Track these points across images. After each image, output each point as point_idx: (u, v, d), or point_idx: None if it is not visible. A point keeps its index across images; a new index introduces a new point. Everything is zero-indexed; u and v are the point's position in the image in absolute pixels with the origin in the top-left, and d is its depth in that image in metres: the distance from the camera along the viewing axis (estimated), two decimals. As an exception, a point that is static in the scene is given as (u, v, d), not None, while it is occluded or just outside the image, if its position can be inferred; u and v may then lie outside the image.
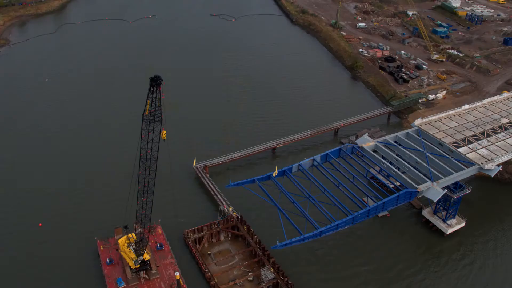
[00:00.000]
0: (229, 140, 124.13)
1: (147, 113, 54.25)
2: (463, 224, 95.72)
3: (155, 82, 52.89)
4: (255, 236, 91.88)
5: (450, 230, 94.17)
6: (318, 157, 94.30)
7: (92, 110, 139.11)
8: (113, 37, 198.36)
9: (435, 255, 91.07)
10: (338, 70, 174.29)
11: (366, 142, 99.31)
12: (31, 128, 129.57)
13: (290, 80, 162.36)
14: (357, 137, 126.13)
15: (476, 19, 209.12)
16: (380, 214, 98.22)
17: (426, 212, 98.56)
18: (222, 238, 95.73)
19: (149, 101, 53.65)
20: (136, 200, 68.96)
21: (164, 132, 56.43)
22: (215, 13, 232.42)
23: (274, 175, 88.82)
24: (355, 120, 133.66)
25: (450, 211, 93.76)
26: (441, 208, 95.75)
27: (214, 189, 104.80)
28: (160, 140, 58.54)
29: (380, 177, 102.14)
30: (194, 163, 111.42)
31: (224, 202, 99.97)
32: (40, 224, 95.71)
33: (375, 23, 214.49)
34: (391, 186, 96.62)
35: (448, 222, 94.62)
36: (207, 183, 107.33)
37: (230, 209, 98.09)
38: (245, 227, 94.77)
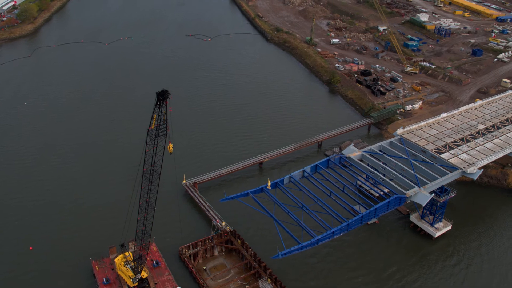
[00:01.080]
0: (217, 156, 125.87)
1: (153, 127, 55.43)
2: (449, 227, 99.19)
3: (162, 96, 54.27)
4: (250, 249, 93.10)
5: (438, 233, 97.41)
6: (308, 168, 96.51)
7: (78, 130, 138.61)
8: (90, 59, 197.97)
9: (425, 258, 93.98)
10: (316, 85, 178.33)
11: (353, 152, 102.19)
12: (18, 147, 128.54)
13: (271, 96, 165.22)
14: (340, 149, 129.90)
15: (444, 32, 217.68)
16: (370, 222, 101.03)
17: (414, 217, 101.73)
18: (216, 253, 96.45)
19: (155, 115, 54.90)
20: (132, 217, 69.39)
21: (171, 145, 57.70)
22: (191, 33, 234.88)
23: (268, 187, 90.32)
24: (337, 133, 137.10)
25: (437, 215, 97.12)
26: (427, 212, 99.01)
27: (206, 205, 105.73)
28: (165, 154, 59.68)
29: (368, 185, 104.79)
30: (184, 180, 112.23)
31: (216, 217, 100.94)
32: (31, 248, 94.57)
33: (348, 39, 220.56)
34: (380, 193, 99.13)
35: (436, 225, 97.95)
36: (198, 199, 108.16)
37: (223, 223, 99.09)
38: (239, 240, 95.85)
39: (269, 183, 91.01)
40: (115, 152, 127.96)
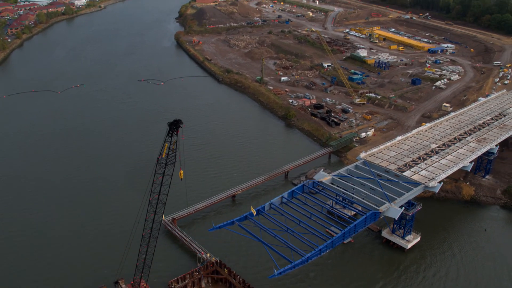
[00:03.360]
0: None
1: (163, 155, 59.35)
2: (419, 239, 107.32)
3: (175, 125, 58.55)
4: (238, 276, 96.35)
5: (409, 245, 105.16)
6: (285, 194, 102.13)
7: (58, 171, 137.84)
8: (44, 107, 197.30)
9: (401, 269, 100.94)
10: (273, 120, 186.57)
11: (324, 177, 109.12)
12: None
13: (232, 135, 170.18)
14: (306, 177, 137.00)
15: (384, 65, 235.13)
16: (346, 241, 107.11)
17: (385, 233, 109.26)
18: (203, 284, 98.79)
19: (166, 144, 58.98)
20: (129, 252, 71.53)
21: (181, 171, 61.61)
22: (143, 78, 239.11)
23: (253, 214, 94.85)
24: (301, 162, 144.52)
25: (406, 228, 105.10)
26: (397, 227, 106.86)
27: (188, 239, 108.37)
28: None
29: (339, 207, 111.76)
30: (163, 218, 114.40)
31: (200, 250, 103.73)
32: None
33: (296, 76, 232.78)
34: (352, 214, 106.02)
35: (406, 238, 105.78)
36: (179, 234, 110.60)
37: (208, 255, 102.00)
38: (225, 270, 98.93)
39: (253, 210, 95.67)
40: (90, 194, 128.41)
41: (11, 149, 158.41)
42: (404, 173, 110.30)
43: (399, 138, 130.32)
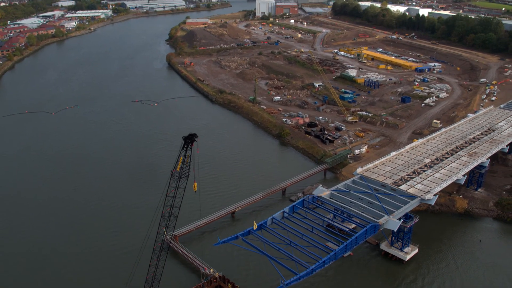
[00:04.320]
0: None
1: (178, 169, 61.71)
2: (416, 250, 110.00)
3: (190, 139, 61.07)
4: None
5: (408, 257, 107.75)
6: (287, 209, 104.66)
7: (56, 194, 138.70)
8: (39, 128, 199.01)
9: (401, 280, 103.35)
10: (268, 139, 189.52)
11: (323, 192, 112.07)
12: None
13: (228, 153, 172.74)
14: (304, 193, 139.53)
15: (373, 84, 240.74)
16: (345, 255, 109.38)
17: (384, 246, 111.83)
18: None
19: (181, 157, 61.42)
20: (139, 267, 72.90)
21: (195, 184, 63.89)
22: (137, 99, 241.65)
23: (254, 228, 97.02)
24: (298, 179, 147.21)
25: (404, 240, 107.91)
26: (395, 239, 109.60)
27: (190, 255, 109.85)
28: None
29: (340, 220, 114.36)
30: (165, 234, 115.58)
31: (203, 265, 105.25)
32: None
33: (288, 96, 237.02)
34: (352, 227, 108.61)
35: (405, 250, 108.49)
36: (181, 251, 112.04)
37: (211, 270, 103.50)
38: (229, 285, 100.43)
39: (255, 225, 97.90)
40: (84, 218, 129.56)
41: (9, 171, 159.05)
42: (400, 187, 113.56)
43: (394, 153, 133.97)
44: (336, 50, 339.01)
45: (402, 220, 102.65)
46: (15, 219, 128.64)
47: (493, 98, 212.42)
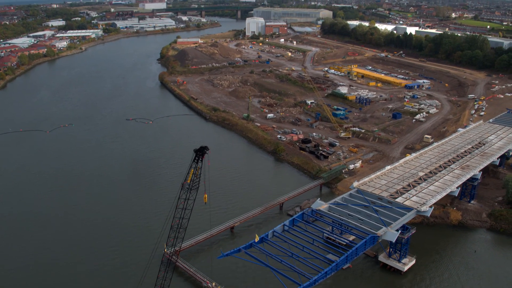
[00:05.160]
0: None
1: (188, 181, 63.80)
2: (414, 261, 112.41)
3: (201, 152, 63.33)
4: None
5: (406, 268, 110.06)
6: (287, 222, 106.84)
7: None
8: (34, 147, 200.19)
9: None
10: (263, 156, 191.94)
11: (321, 205, 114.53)
12: None
13: (225, 170, 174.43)
14: (301, 208, 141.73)
15: (364, 101, 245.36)
16: (345, 267, 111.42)
17: (382, 257, 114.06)
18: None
19: (192, 170, 63.56)
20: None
21: (206, 195, 65.91)
22: (131, 117, 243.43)
23: (256, 241, 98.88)
24: (295, 194, 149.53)
25: (402, 251, 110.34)
26: (393, 251, 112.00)
27: (192, 270, 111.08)
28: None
29: (337, 233, 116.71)
30: (165, 249, 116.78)
31: (205, 279, 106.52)
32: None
33: (281, 113, 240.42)
34: (351, 238, 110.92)
35: (403, 261, 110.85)
36: (182, 265, 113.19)
37: (214, 284, 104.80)
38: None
39: (257, 238, 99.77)
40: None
41: (5, 189, 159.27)
42: (396, 200, 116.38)
43: (388, 167, 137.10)
44: (326, 68, 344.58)
45: (399, 231, 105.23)
46: (15, 236, 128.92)
47: (482, 113, 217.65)
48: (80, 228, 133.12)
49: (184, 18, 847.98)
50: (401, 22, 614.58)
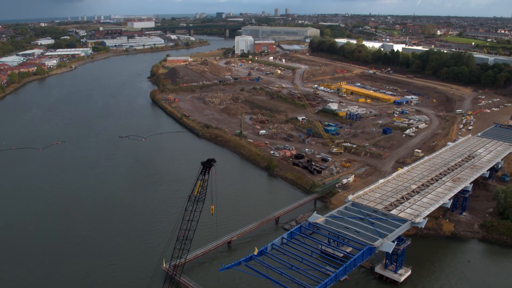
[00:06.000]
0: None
1: (196, 193, 65.70)
2: (409, 272, 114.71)
3: (208, 164, 65.36)
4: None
5: (402, 279, 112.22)
6: (285, 235, 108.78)
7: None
8: (28, 164, 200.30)
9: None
10: (257, 171, 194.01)
11: (318, 218, 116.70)
12: None
13: (220, 186, 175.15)
14: (296, 222, 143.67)
15: (355, 117, 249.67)
16: (342, 279, 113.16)
17: (378, 269, 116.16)
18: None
19: (199, 182, 65.50)
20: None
21: (212, 207, 67.76)
22: (124, 134, 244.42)
23: (255, 254, 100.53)
24: (290, 208, 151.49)
25: (398, 262, 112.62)
26: (389, 262, 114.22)
27: (191, 284, 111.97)
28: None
29: (334, 245, 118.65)
30: (164, 264, 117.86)
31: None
32: None
33: (273, 130, 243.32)
34: (348, 250, 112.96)
35: (399, 272, 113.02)
36: (182, 280, 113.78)
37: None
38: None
39: (256, 250, 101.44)
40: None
41: (1, 207, 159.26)
42: (391, 212, 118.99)
43: (382, 181, 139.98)
44: (316, 85, 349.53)
45: (395, 242, 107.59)
46: (11, 254, 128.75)
47: (470, 127, 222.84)
48: (78, 245, 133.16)
49: (173, 36, 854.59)
50: (387, 39, 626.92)
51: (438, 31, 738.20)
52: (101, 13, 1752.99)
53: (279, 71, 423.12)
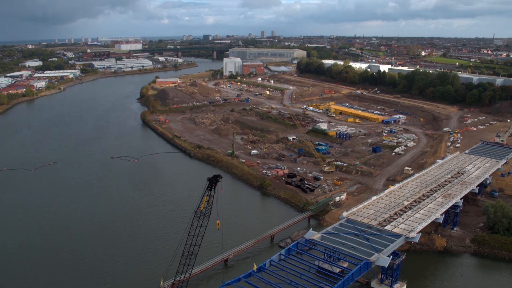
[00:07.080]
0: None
1: (202, 208, 67.56)
2: (405, 286, 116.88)
3: (214, 180, 67.43)
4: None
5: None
6: (283, 252, 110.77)
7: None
8: (20, 185, 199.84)
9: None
10: (250, 190, 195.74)
11: (314, 235, 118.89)
12: None
13: (214, 205, 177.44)
14: (292, 239, 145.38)
15: (344, 136, 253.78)
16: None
17: (374, 283, 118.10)
18: None
19: (205, 197, 67.46)
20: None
21: (218, 221, 69.52)
22: (116, 155, 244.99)
23: (254, 270, 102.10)
24: (285, 226, 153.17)
25: (394, 277, 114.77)
26: (385, 277, 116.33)
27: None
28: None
29: (330, 261, 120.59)
30: (162, 282, 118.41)
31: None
32: None
33: (264, 150, 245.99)
34: (345, 265, 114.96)
35: (394, 286, 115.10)
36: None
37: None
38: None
39: (255, 267, 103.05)
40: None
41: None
42: (385, 227, 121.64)
43: (375, 197, 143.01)
44: (305, 106, 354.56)
45: (391, 257, 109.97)
46: (7, 275, 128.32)
47: (458, 145, 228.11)
48: (72, 267, 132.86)
49: (161, 58, 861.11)
50: (373, 60, 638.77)
51: (423, 52, 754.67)
52: (88, 35, 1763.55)
53: (268, 92, 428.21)
